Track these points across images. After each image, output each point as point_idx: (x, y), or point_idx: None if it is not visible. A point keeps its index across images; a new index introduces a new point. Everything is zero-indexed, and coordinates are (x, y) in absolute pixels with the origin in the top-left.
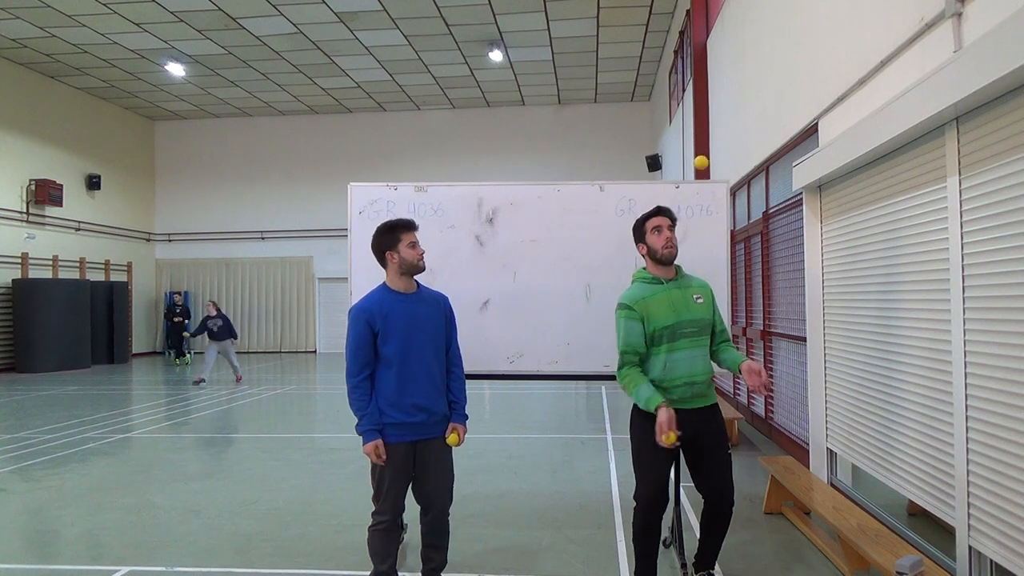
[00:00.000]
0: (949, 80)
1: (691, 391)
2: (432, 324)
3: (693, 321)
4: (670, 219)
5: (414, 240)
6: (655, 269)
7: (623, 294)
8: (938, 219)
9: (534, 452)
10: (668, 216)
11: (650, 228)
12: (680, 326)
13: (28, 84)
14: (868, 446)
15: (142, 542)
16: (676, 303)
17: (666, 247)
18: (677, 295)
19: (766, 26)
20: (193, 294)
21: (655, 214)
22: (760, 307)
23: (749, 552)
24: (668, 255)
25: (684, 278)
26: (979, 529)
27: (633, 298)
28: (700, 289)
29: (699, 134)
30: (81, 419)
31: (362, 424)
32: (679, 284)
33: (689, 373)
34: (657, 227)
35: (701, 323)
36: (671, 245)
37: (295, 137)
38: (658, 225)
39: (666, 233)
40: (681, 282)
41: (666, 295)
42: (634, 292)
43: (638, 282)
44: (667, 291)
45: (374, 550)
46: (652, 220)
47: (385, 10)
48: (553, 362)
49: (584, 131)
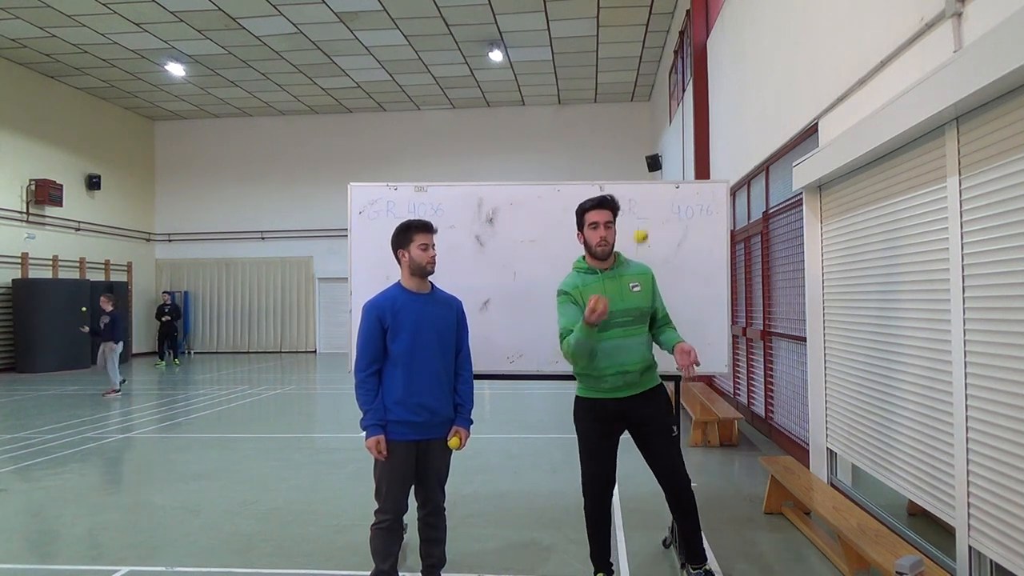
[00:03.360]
0: (949, 80)
1: (623, 380)
2: (442, 325)
3: (626, 311)
4: (611, 212)
5: (427, 242)
6: (591, 260)
7: (561, 282)
8: (938, 219)
9: (534, 452)
10: (609, 208)
11: (588, 222)
12: (611, 316)
13: (28, 84)
14: (868, 446)
15: (142, 542)
16: (610, 293)
17: (599, 245)
18: (610, 285)
19: (766, 26)
20: (193, 294)
21: (595, 206)
22: (760, 307)
23: (749, 552)
24: (601, 252)
25: (620, 266)
26: (979, 529)
27: (569, 285)
28: (638, 277)
29: (699, 134)
30: (81, 419)
31: (366, 419)
32: (614, 274)
33: (620, 362)
34: (594, 223)
35: (636, 312)
36: (605, 243)
37: (295, 137)
38: (595, 221)
39: (601, 232)
40: (617, 271)
41: (599, 285)
42: (570, 280)
43: (574, 271)
44: (600, 281)
45: (375, 549)
46: (591, 213)
47: (385, 10)
48: (553, 362)
49: (584, 131)
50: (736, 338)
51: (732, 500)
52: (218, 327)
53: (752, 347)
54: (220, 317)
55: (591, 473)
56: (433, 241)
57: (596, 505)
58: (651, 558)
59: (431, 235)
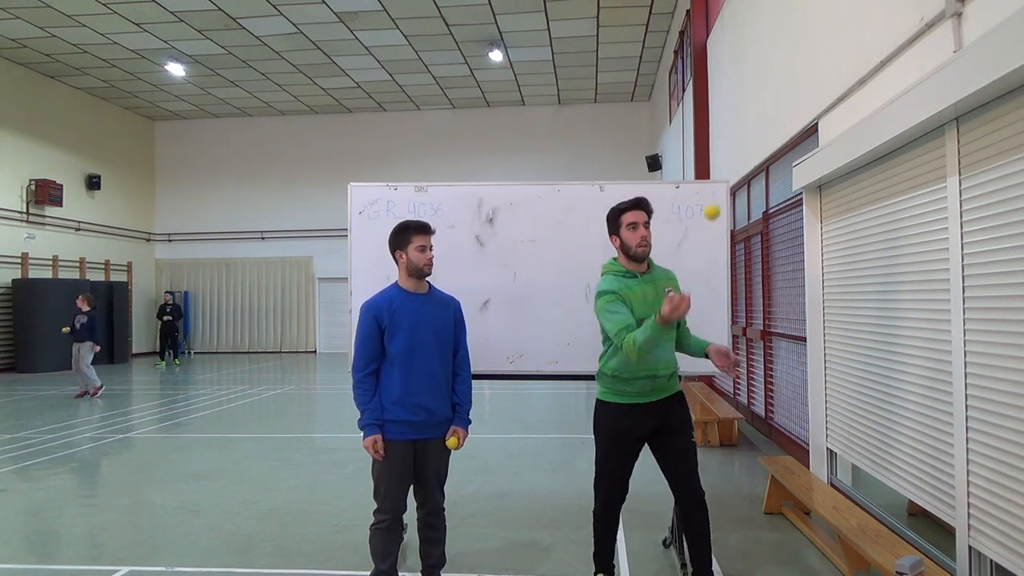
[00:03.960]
0: (949, 80)
1: (652, 385)
2: (440, 325)
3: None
4: (647, 213)
5: (424, 244)
6: (627, 263)
7: (600, 284)
8: (938, 219)
9: (534, 452)
10: (645, 210)
11: (626, 223)
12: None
13: (28, 84)
14: (868, 446)
15: (142, 542)
16: (648, 298)
17: (640, 245)
18: (648, 290)
19: (766, 26)
20: (193, 294)
21: (632, 207)
22: (760, 307)
23: (749, 552)
24: (641, 253)
25: (654, 271)
26: (979, 529)
27: (614, 285)
28: (670, 282)
29: (699, 134)
30: (81, 419)
31: (363, 419)
32: (652, 278)
33: (651, 367)
34: (633, 223)
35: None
36: (645, 244)
37: (295, 137)
38: (634, 221)
39: (641, 231)
40: (653, 275)
41: (640, 289)
42: (612, 281)
43: (611, 275)
44: (640, 285)
45: (375, 549)
46: (628, 214)
47: (385, 10)
48: (553, 362)
49: (584, 131)
50: (736, 338)
51: (732, 500)
52: (218, 327)
53: (752, 347)
54: (220, 317)
55: (609, 478)
56: (431, 242)
57: (608, 510)
58: (651, 558)
59: (429, 236)
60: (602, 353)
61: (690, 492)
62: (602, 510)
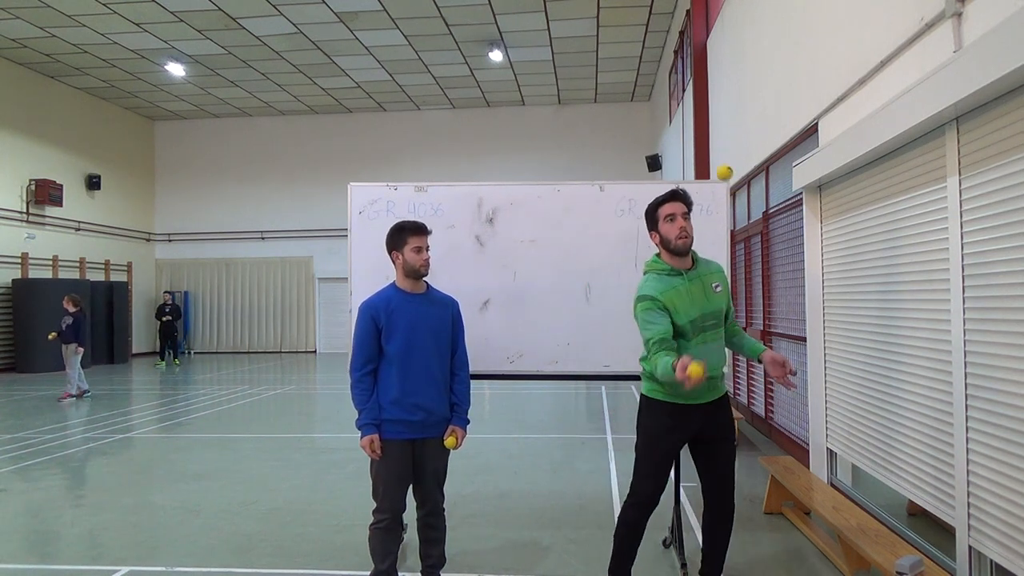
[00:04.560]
0: (949, 80)
1: (709, 384)
2: (437, 325)
3: (714, 313)
4: (685, 204)
5: (420, 245)
6: (670, 259)
7: (641, 286)
8: (938, 219)
9: (534, 452)
10: (683, 201)
11: (663, 216)
12: (701, 320)
13: (28, 84)
14: (868, 446)
15: (142, 542)
16: (696, 296)
17: (680, 237)
18: (695, 288)
19: (766, 26)
20: (193, 294)
21: (669, 199)
22: (760, 307)
23: (749, 552)
24: (682, 246)
25: (700, 265)
26: (979, 529)
27: (654, 290)
28: (717, 276)
29: (699, 134)
30: (81, 419)
31: (361, 418)
32: (698, 274)
33: (709, 366)
34: (671, 215)
35: (720, 314)
36: (685, 235)
37: (295, 137)
38: (671, 213)
39: (680, 222)
40: (700, 270)
41: (686, 287)
42: (653, 284)
43: (653, 274)
44: (687, 283)
45: (374, 548)
46: (665, 207)
47: (385, 10)
48: (553, 362)
49: (584, 131)
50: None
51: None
52: (218, 327)
53: None
54: (220, 317)
55: (650, 482)
56: (427, 243)
57: (641, 515)
58: (651, 558)
59: (425, 237)
60: (643, 355)
61: (723, 501)
62: (636, 515)
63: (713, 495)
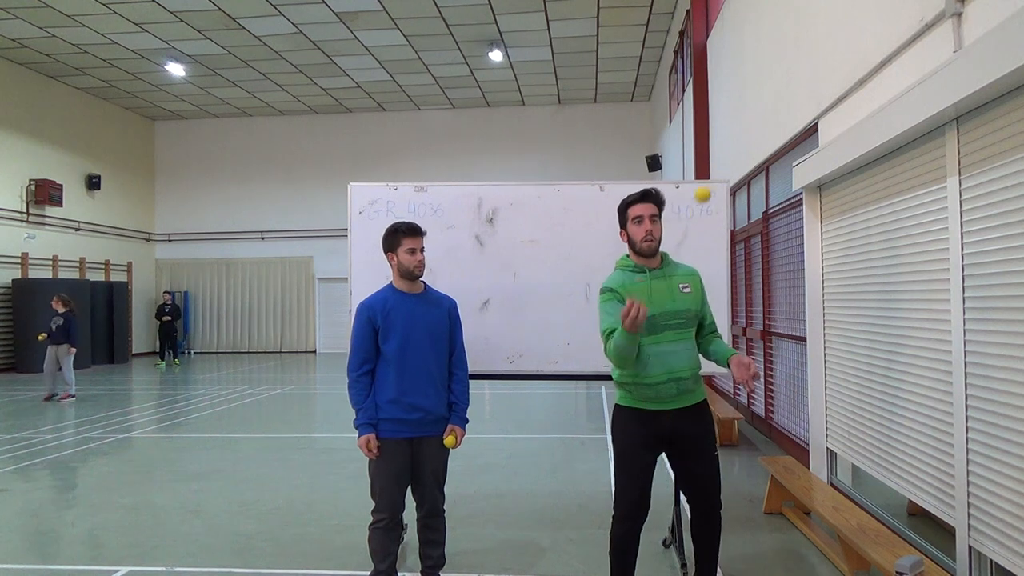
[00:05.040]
0: (949, 80)
1: (676, 388)
2: (434, 325)
3: (677, 312)
4: (656, 206)
5: (414, 246)
6: (636, 258)
7: (606, 280)
8: (938, 219)
9: (534, 452)
10: (653, 202)
11: (632, 216)
12: (662, 318)
13: (28, 84)
14: (868, 446)
15: (142, 542)
16: (658, 294)
17: (645, 240)
18: (659, 285)
19: (766, 26)
20: (193, 294)
21: (639, 200)
22: (760, 307)
23: (749, 552)
24: (647, 248)
25: (669, 266)
26: (979, 529)
27: (615, 283)
28: (687, 278)
29: (699, 134)
30: (81, 419)
31: (358, 418)
32: (663, 273)
33: (671, 368)
34: (638, 217)
35: (686, 314)
36: (651, 238)
37: (295, 137)
38: (639, 215)
39: (647, 224)
40: (666, 271)
41: (647, 285)
42: (616, 277)
43: (619, 270)
44: (648, 281)
45: (373, 549)
46: (635, 207)
47: (385, 10)
48: (553, 362)
49: (584, 131)
50: (736, 338)
51: (732, 500)
52: (218, 327)
53: (752, 347)
54: (220, 317)
55: (629, 493)
56: (422, 245)
57: (628, 528)
58: (651, 558)
59: (419, 239)
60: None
61: (704, 501)
62: (621, 530)
63: (697, 499)
